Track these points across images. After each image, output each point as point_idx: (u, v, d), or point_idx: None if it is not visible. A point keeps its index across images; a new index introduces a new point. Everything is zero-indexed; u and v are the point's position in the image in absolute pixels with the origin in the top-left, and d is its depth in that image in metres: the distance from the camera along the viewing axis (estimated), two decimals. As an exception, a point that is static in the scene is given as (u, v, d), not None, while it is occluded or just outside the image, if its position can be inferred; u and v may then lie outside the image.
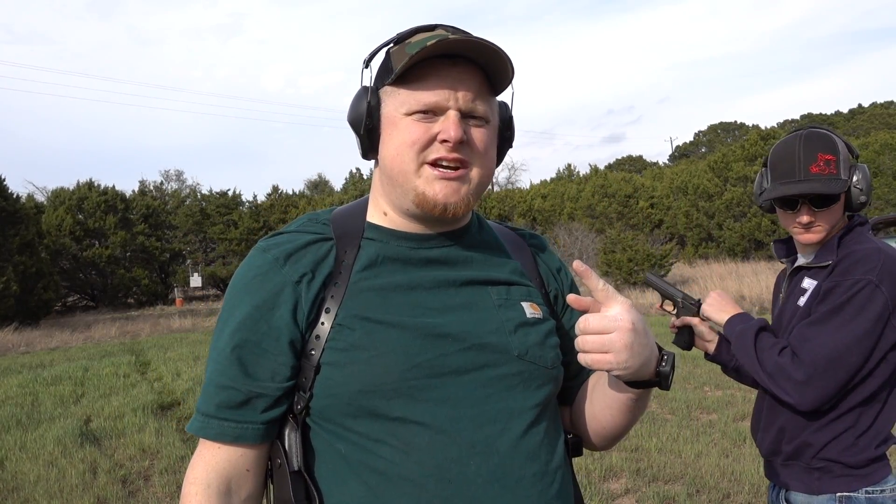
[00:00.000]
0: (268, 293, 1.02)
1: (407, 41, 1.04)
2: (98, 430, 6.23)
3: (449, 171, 1.02)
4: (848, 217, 1.78)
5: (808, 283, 1.74)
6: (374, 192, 1.13)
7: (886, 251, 1.64)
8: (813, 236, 1.74)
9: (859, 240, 1.70)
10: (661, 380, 1.00)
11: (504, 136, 1.14)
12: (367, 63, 1.08)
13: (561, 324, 1.18)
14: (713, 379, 7.16)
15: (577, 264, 0.94)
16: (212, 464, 1.02)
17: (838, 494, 1.65)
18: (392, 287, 1.04)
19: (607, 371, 0.94)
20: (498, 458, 0.98)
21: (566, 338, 1.16)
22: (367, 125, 1.06)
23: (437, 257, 1.08)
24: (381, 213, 1.11)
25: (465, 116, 1.03)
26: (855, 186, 1.71)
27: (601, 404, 1.11)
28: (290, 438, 1.03)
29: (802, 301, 1.74)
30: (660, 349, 1.01)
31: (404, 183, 1.03)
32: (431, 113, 1.02)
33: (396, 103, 1.04)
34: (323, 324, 1.01)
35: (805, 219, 1.72)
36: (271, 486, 1.06)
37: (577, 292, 1.21)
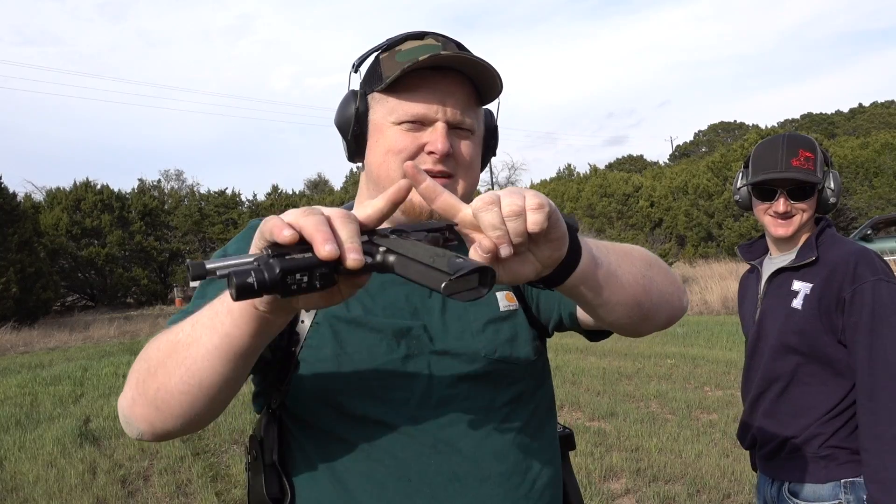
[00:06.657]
0: None
1: (397, 48, 1.05)
2: (97, 430, 6.23)
3: (437, 178, 1.01)
4: (816, 220, 1.87)
5: (800, 286, 1.78)
6: (360, 196, 1.13)
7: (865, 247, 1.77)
8: (785, 230, 1.82)
9: (836, 239, 1.80)
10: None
11: (488, 144, 1.14)
12: (355, 68, 1.09)
13: (533, 305, 1.11)
14: (713, 379, 7.16)
15: (408, 165, 0.73)
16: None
17: (843, 481, 1.70)
18: (364, 287, 1.02)
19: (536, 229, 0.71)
20: (460, 458, 0.98)
21: (543, 302, 1.10)
22: (354, 130, 1.06)
23: None
24: None
25: (452, 128, 1.03)
26: (828, 188, 1.83)
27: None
28: (268, 432, 1.04)
29: (797, 303, 1.77)
30: None
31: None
32: (419, 123, 1.02)
33: (385, 111, 1.04)
34: (303, 322, 1.02)
35: (782, 207, 1.80)
36: (248, 480, 1.06)
37: None
